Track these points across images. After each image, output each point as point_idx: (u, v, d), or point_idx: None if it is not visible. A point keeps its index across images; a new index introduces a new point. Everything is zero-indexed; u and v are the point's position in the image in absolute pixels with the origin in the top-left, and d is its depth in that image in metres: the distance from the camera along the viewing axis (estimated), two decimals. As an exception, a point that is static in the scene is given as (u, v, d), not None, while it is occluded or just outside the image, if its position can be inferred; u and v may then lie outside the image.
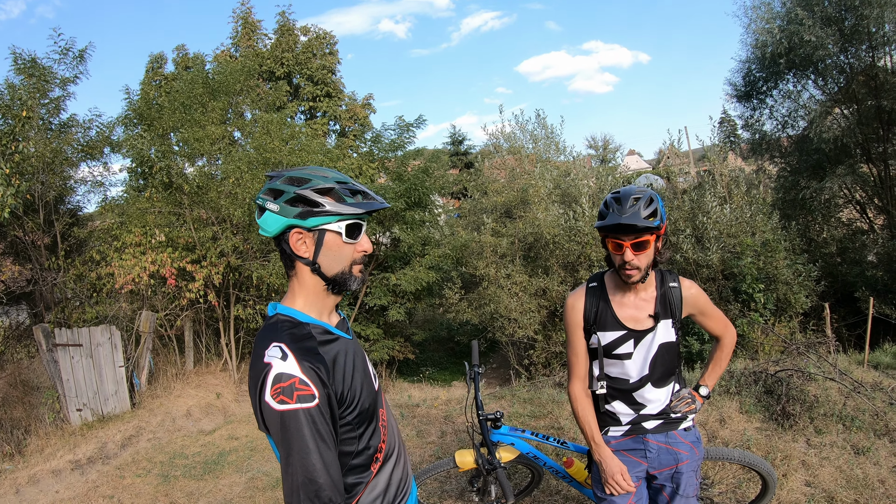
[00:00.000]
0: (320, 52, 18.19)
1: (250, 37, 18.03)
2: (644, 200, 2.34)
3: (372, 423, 1.74)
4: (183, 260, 10.22)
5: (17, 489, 6.38)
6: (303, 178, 1.63)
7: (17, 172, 8.59)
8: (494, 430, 3.62)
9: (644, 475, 2.68)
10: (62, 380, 8.41)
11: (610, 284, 2.59)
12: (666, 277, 2.57)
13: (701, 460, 2.70)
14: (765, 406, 5.21)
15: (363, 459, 1.70)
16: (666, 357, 2.56)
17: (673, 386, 2.65)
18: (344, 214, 1.62)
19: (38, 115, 10.28)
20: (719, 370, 2.81)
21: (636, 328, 2.52)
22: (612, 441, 2.66)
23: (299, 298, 1.69)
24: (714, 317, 2.69)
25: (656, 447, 2.61)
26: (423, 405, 7.43)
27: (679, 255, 10.56)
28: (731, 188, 11.47)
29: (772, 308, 9.79)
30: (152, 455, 7.03)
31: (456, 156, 32.41)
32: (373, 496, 1.73)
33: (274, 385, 1.48)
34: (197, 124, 11.46)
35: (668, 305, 2.53)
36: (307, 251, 1.64)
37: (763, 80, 13.24)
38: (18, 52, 10.30)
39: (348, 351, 1.69)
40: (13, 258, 11.29)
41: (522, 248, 13.66)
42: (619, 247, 2.37)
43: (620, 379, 2.59)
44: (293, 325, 1.63)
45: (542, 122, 16.34)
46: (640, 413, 2.61)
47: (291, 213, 1.60)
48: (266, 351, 1.54)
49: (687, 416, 2.65)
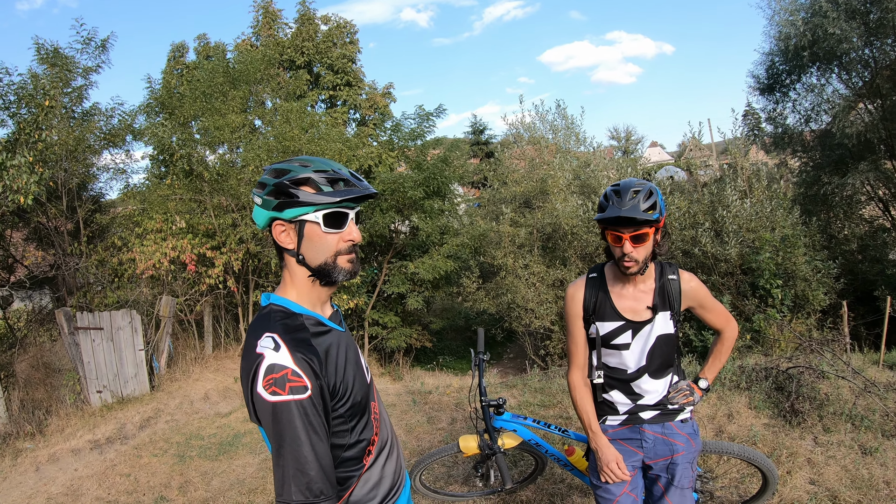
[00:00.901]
0: (340, 41, 18.23)
1: (271, 26, 18.11)
2: (643, 193, 2.35)
3: (364, 415, 1.73)
4: (203, 246, 10.38)
5: (37, 467, 6.55)
6: (283, 170, 1.62)
7: (40, 160, 8.75)
8: (497, 417, 3.66)
9: (640, 465, 2.70)
10: (83, 362, 8.59)
11: (610, 275, 2.61)
12: (665, 269, 2.58)
13: (697, 453, 2.71)
14: (774, 402, 5.18)
15: (355, 452, 1.69)
16: (664, 348, 2.57)
17: (671, 377, 2.66)
18: (319, 204, 1.59)
19: (60, 103, 10.44)
20: (719, 364, 2.82)
21: (634, 319, 2.54)
22: (609, 430, 2.68)
23: (292, 289, 1.69)
24: (714, 310, 2.69)
25: (652, 437, 2.63)
26: (435, 392, 7.50)
27: (697, 248, 10.49)
28: (752, 182, 11.36)
29: (789, 304, 9.68)
30: (169, 436, 7.18)
31: (477, 145, 32.34)
32: (366, 489, 1.74)
33: (266, 376, 1.47)
34: (217, 113, 11.59)
35: (666, 297, 2.54)
36: (291, 242, 1.64)
37: (786, 72, 13.04)
38: (41, 43, 10.47)
39: (341, 343, 1.69)
40: (36, 244, 11.52)
41: (541, 238, 13.67)
42: (619, 239, 2.40)
43: (618, 369, 2.62)
44: (286, 315, 1.62)
45: (562, 112, 16.31)
46: (638, 403, 2.63)
47: (271, 205, 1.61)
48: (258, 341, 1.53)
49: (684, 407, 2.66)
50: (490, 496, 4.42)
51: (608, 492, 2.65)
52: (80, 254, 10.67)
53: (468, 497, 4.44)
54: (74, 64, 10.90)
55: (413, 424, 6.33)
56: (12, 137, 8.59)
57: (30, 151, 8.13)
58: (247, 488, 5.37)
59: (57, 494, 5.71)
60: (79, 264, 10.48)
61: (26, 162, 7.83)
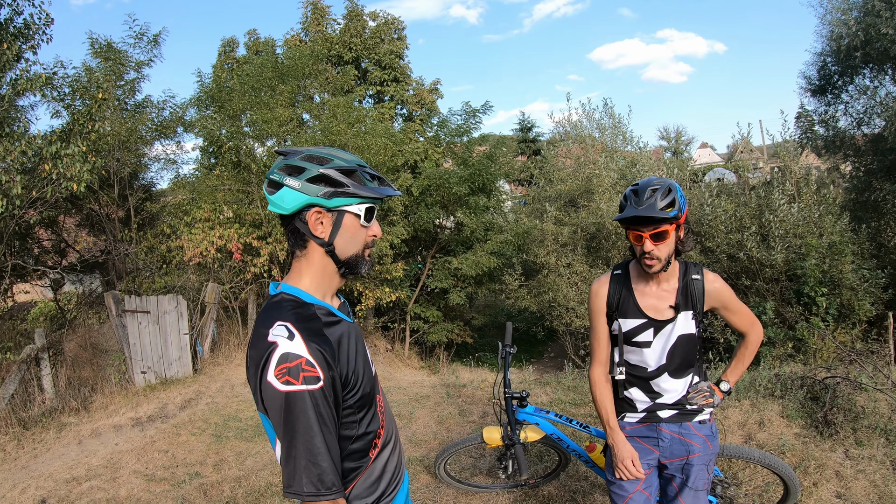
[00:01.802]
0: (388, 37, 18.32)
1: (319, 22, 18.31)
2: (661, 192, 2.36)
3: (371, 407, 1.72)
4: (249, 236, 10.56)
5: (80, 440, 6.73)
6: (324, 157, 1.61)
7: (93, 150, 9.01)
8: (520, 409, 3.71)
9: (656, 464, 2.69)
10: (129, 343, 8.80)
11: (634, 273, 2.62)
12: (689, 269, 2.57)
13: (715, 455, 2.68)
14: (808, 412, 4.96)
15: (362, 444, 1.68)
16: (685, 348, 2.57)
17: (691, 378, 2.64)
18: (364, 197, 1.62)
19: (113, 96, 10.78)
20: (742, 367, 2.79)
21: (656, 318, 2.54)
22: (627, 427, 2.69)
23: (305, 278, 1.67)
24: (739, 312, 2.66)
25: (669, 437, 2.62)
26: (469, 386, 7.50)
27: (742, 253, 10.13)
28: (801, 186, 10.95)
29: (834, 314, 9.28)
30: (208, 416, 7.27)
31: (524, 143, 32.08)
32: (368, 483, 1.72)
33: (279, 365, 1.45)
34: (265, 106, 11.76)
35: (689, 297, 2.54)
36: (324, 231, 1.62)
37: (838, 73, 12.51)
38: (95, 37, 10.82)
39: (350, 334, 1.68)
40: (88, 230, 11.91)
41: (584, 237, 13.47)
42: (639, 238, 2.40)
43: (639, 366, 2.62)
44: (298, 304, 1.61)
45: (609, 110, 16.02)
46: (656, 402, 2.63)
47: (314, 191, 1.58)
48: (271, 329, 1.51)
49: (703, 409, 2.64)
50: (513, 489, 4.39)
51: (622, 489, 2.67)
52: (129, 240, 10.98)
53: (491, 489, 4.44)
54: (127, 58, 11.27)
55: (445, 416, 6.33)
56: (67, 128, 8.87)
57: (83, 141, 8.38)
58: (278, 469, 5.39)
59: (96, 466, 5.84)
60: (128, 250, 10.78)
61: (79, 151, 8.07)
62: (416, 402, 6.99)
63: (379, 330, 14.25)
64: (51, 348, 8.33)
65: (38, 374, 8.06)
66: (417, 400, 7.05)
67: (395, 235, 12.11)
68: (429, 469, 4.85)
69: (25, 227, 10.15)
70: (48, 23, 8.44)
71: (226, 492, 5.04)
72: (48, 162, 7.93)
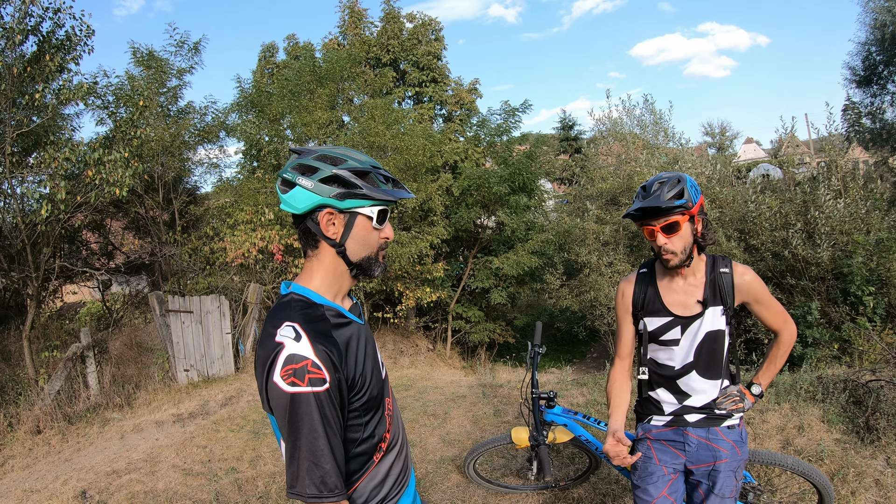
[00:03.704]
0: (426, 38, 18.34)
1: (357, 25, 18.44)
2: (668, 183, 2.32)
3: (378, 411, 1.71)
4: (290, 237, 10.66)
5: (122, 435, 6.87)
6: (338, 158, 1.60)
7: (136, 156, 9.22)
8: (548, 410, 3.67)
9: (682, 469, 2.59)
10: (172, 342, 8.98)
11: (659, 271, 2.56)
12: (717, 262, 2.47)
13: (743, 462, 2.56)
14: (849, 417, 4.75)
15: (367, 448, 1.67)
16: (713, 345, 2.46)
17: (721, 381, 2.53)
18: (378, 199, 1.61)
19: (156, 102, 11.02)
20: (774, 369, 2.66)
21: (683, 314, 2.46)
22: (653, 430, 2.62)
23: (316, 279, 1.66)
24: (771, 307, 2.53)
25: (696, 441, 2.52)
26: (506, 386, 7.42)
27: (787, 251, 9.77)
28: (847, 181, 10.51)
29: (882, 313, 8.86)
30: (247, 414, 7.33)
31: (566, 141, 31.74)
32: (371, 485, 1.71)
33: (285, 366, 1.45)
34: (305, 110, 11.89)
35: (717, 291, 2.44)
36: (335, 232, 1.61)
37: (883, 63, 12.11)
38: (136, 46, 11.09)
39: (360, 336, 1.67)
40: (134, 232, 12.20)
41: (626, 236, 13.21)
42: (652, 233, 2.36)
43: (665, 365, 2.55)
44: (307, 305, 1.60)
45: (649, 107, 15.70)
46: (684, 404, 2.54)
47: (327, 192, 1.57)
48: (278, 330, 1.50)
49: (733, 413, 2.53)
50: (542, 491, 4.32)
51: (647, 493, 2.60)
52: (174, 242, 11.18)
53: (520, 490, 4.38)
54: (169, 66, 11.53)
55: (479, 416, 6.26)
56: (110, 134, 9.11)
57: (125, 147, 8.58)
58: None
59: (137, 460, 5.93)
60: (173, 252, 10.98)
61: (121, 157, 8.28)
62: (452, 401, 6.93)
63: (420, 329, 14.25)
64: (96, 346, 8.54)
65: (84, 372, 8.28)
66: (453, 399, 6.99)
67: (435, 236, 12.08)
68: (460, 468, 4.79)
69: (72, 230, 10.44)
70: (89, 34, 8.68)
71: (260, 487, 5.07)
72: (91, 168, 8.15)
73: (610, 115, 16.50)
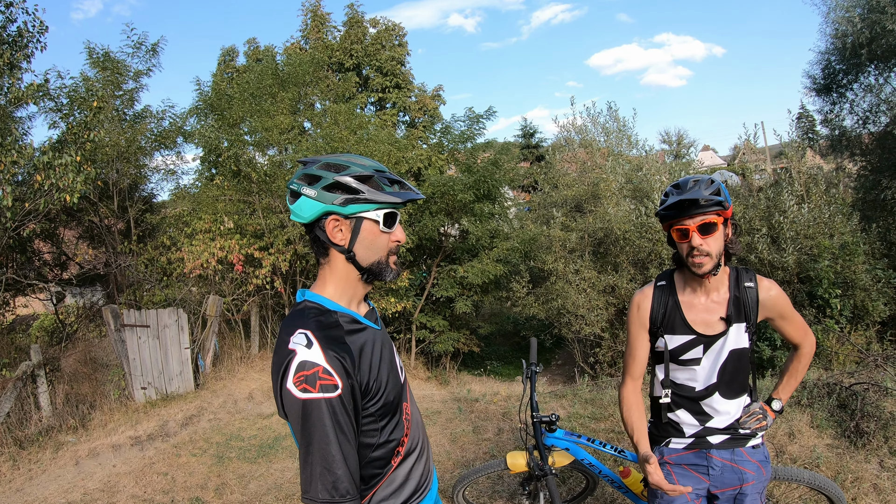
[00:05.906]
0: (389, 43, 18.17)
1: (319, 29, 18.19)
2: (703, 182, 2.20)
3: (395, 416, 1.71)
4: (251, 247, 10.39)
5: (77, 461, 6.50)
6: (341, 165, 1.61)
7: (88, 160, 8.83)
8: (549, 434, 3.45)
9: (705, 493, 2.45)
10: (129, 359, 8.60)
11: (679, 283, 2.40)
12: (741, 276, 2.33)
13: (768, 481, 2.46)
14: (837, 421, 4.77)
15: (384, 452, 1.67)
16: (736, 364, 2.33)
17: (744, 399, 2.41)
18: (382, 203, 1.61)
19: (111, 105, 10.60)
20: (794, 382, 2.54)
21: (706, 333, 2.31)
22: (672, 454, 2.46)
23: (329, 286, 1.67)
24: (794, 321, 2.41)
25: (720, 464, 2.39)
26: (482, 400, 7.25)
27: (753, 255, 9.94)
28: (810, 187, 10.76)
29: (848, 315, 9.10)
30: (210, 435, 7.06)
31: (527, 149, 31.95)
32: (390, 490, 1.70)
33: (297, 372, 1.47)
34: (266, 114, 11.61)
35: (742, 308, 2.30)
36: (343, 239, 1.62)
37: (843, 72, 12.41)
38: (92, 47, 10.67)
39: (376, 341, 1.67)
40: (88, 242, 11.74)
41: (592, 243, 13.25)
42: (685, 234, 2.20)
43: (686, 386, 2.39)
44: (320, 312, 1.61)
45: (613, 114, 15.85)
46: (706, 426, 2.39)
47: (330, 199, 1.58)
48: (291, 337, 1.52)
49: (756, 432, 2.40)
50: None
51: None
52: (130, 252, 10.78)
53: None
54: (125, 67, 11.13)
55: (458, 434, 6.08)
56: (61, 137, 8.70)
57: (77, 151, 8.20)
58: (283, 493, 5.22)
59: (93, 490, 5.62)
60: (129, 263, 10.58)
61: (73, 161, 7.90)
62: (427, 418, 6.73)
63: (384, 340, 14.01)
64: (48, 364, 8.11)
65: (35, 392, 7.82)
66: (428, 416, 6.80)
67: (399, 244, 11.88)
68: (444, 493, 4.63)
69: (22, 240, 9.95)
70: (42, 31, 8.31)
71: (227, 518, 4.83)
72: (41, 172, 7.76)
73: (574, 123, 16.61)
